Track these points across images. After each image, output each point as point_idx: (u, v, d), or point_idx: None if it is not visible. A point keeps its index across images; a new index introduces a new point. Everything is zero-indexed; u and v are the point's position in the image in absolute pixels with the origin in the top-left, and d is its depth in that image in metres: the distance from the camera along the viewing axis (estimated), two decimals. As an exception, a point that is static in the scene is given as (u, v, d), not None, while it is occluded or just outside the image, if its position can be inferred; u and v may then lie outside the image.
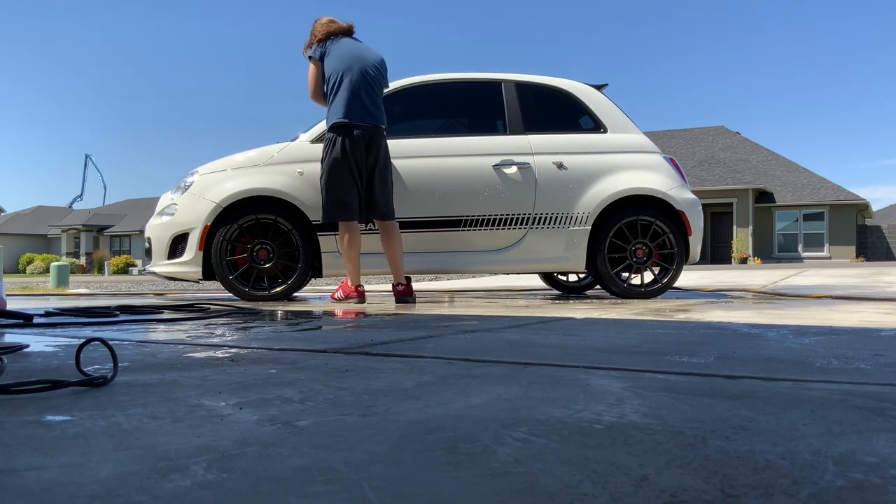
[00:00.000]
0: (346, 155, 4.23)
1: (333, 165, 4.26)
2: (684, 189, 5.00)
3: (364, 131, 4.25)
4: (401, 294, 4.39)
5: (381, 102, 4.41)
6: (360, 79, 4.30)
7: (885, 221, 35.94)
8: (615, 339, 2.26)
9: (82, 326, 2.84)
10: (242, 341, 2.27)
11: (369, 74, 4.33)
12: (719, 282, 7.49)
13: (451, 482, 0.80)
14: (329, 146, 4.29)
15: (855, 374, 1.53)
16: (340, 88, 4.29)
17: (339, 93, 4.30)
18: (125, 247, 45.51)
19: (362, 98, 4.28)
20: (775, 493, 0.75)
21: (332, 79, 4.34)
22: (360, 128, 4.25)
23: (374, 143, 4.28)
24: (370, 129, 4.27)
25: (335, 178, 4.26)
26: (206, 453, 0.92)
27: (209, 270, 4.76)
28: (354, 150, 4.23)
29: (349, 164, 4.24)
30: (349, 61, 4.33)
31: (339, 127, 4.27)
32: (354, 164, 4.25)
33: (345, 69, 4.31)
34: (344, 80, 4.29)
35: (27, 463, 0.89)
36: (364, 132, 4.25)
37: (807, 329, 2.52)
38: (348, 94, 4.27)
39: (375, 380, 1.49)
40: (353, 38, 4.53)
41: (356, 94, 4.27)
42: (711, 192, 29.77)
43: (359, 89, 4.28)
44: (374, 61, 4.40)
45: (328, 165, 4.29)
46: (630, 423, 1.07)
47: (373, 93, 4.34)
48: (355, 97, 4.27)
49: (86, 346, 1.55)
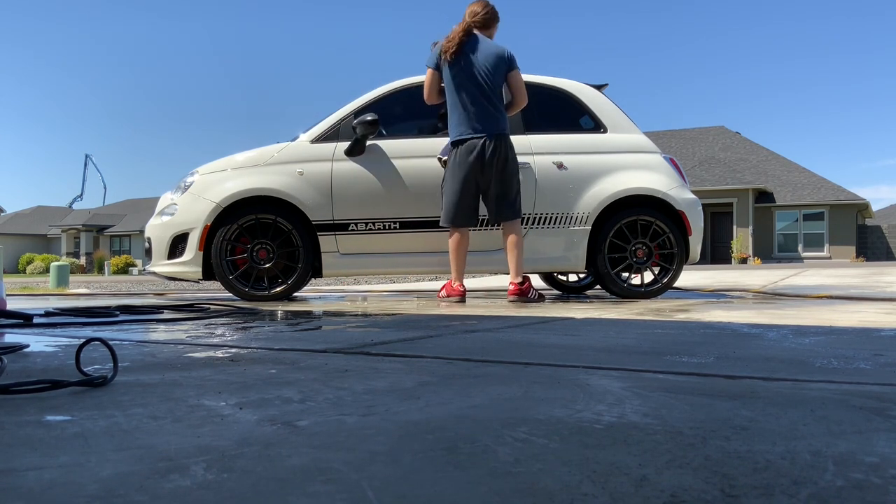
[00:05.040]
0: (460, 167, 4.34)
1: (451, 174, 4.39)
2: (684, 189, 5.00)
3: (477, 142, 4.29)
4: (512, 293, 4.38)
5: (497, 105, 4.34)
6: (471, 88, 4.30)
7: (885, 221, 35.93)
8: (615, 339, 2.26)
9: (82, 326, 2.84)
10: (242, 341, 2.27)
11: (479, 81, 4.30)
12: (719, 282, 7.49)
13: (451, 482, 0.80)
14: (451, 155, 4.41)
15: (855, 374, 1.53)
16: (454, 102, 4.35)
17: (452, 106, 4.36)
18: (125, 247, 45.52)
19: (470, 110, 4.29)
20: (775, 493, 0.75)
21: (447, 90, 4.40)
22: (473, 140, 4.30)
23: (489, 151, 4.29)
24: (483, 140, 4.29)
25: (451, 185, 4.39)
26: (206, 453, 0.92)
27: (209, 270, 4.76)
28: (470, 160, 4.30)
29: (465, 173, 4.33)
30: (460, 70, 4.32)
31: (455, 142, 4.38)
32: (471, 173, 4.32)
33: (456, 84, 4.32)
34: (457, 93, 4.32)
35: (27, 463, 0.89)
36: (477, 143, 4.29)
37: (807, 329, 2.52)
38: (460, 107, 4.32)
39: (375, 380, 1.49)
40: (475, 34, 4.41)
41: (465, 106, 4.30)
42: (711, 192, 29.77)
43: (467, 101, 4.30)
44: (486, 62, 4.32)
45: (448, 173, 4.42)
46: (630, 423, 1.07)
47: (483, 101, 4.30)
48: (465, 110, 4.31)
49: (86, 346, 1.55)
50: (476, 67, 4.27)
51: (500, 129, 4.31)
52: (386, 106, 4.96)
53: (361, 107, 4.91)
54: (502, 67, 4.32)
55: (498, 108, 4.32)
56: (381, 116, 4.74)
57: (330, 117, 4.96)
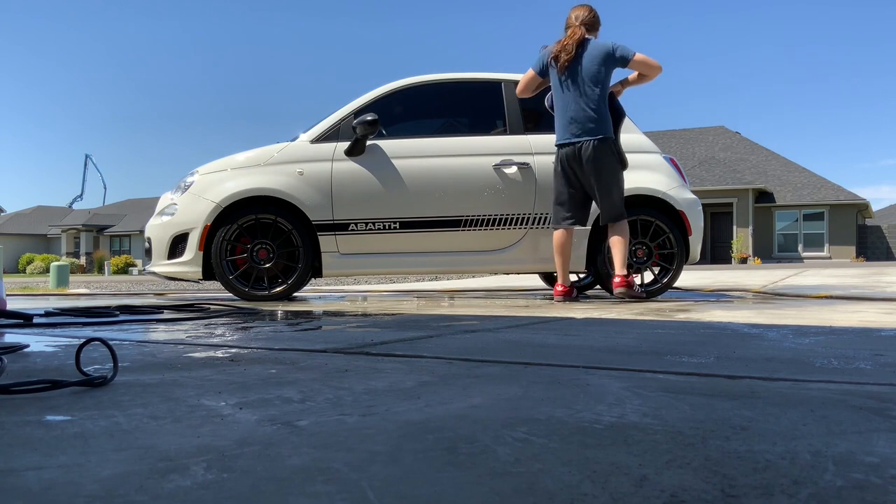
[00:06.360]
0: (563, 169, 4.44)
1: (554, 176, 4.53)
2: (684, 189, 5.01)
3: (575, 147, 4.36)
4: (617, 286, 4.39)
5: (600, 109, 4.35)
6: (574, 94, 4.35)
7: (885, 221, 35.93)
8: (615, 339, 2.26)
9: (82, 326, 2.84)
10: (242, 341, 2.27)
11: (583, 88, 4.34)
12: (719, 282, 7.49)
13: (451, 482, 0.80)
14: (556, 158, 4.52)
15: (855, 374, 1.53)
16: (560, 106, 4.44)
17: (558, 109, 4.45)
18: (125, 247, 45.52)
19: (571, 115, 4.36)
20: (775, 493, 0.75)
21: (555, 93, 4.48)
22: (572, 144, 4.37)
23: (586, 155, 4.34)
24: (580, 144, 4.35)
25: (553, 186, 4.54)
26: (206, 453, 0.92)
27: (209, 270, 4.76)
28: (569, 163, 4.40)
29: (564, 175, 4.44)
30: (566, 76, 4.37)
31: (558, 146, 4.47)
32: (569, 176, 4.43)
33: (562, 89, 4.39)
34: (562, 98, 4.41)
35: (27, 463, 0.89)
36: (575, 148, 4.36)
37: (807, 329, 2.52)
38: (563, 111, 4.40)
39: (375, 380, 1.49)
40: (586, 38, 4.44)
41: (567, 111, 4.37)
42: (711, 192, 29.77)
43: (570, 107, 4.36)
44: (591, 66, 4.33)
45: (553, 175, 4.56)
46: (630, 423, 1.07)
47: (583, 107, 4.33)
48: (567, 115, 4.38)
49: (86, 346, 1.55)
50: (581, 74, 4.33)
51: (599, 133, 4.33)
52: (386, 106, 4.96)
53: (361, 107, 4.91)
54: (611, 65, 4.37)
55: (600, 113, 4.35)
56: (381, 116, 4.75)
57: (330, 117, 4.96)
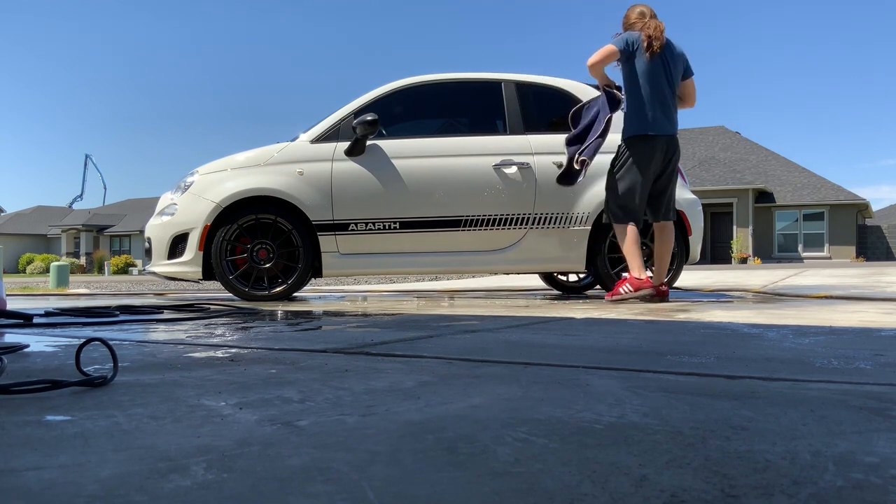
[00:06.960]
0: (650, 161, 4.25)
1: (629, 169, 4.29)
2: (684, 189, 5.01)
3: (662, 141, 4.26)
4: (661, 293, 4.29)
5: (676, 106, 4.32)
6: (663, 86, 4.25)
7: (885, 221, 35.92)
8: (615, 339, 2.26)
9: (82, 326, 2.84)
10: (242, 341, 2.27)
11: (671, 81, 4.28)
12: (719, 282, 7.48)
13: (451, 482, 0.80)
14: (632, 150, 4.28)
15: (855, 374, 1.53)
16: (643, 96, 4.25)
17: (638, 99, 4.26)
18: (125, 247, 45.52)
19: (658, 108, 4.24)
20: (775, 493, 0.75)
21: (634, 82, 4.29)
22: (660, 138, 4.24)
23: (672, 150, 4.29)
24: (668, 139, 4.27)
25: (631, 178, 4.28)
26: (206, 453, 0.92)
27: (209, 270, 4.76)
28: (655, 156, 4.25)
29: (648, 169, 4.26)
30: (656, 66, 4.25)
31: (639, 137, 4.26)
32: (652, 170, 4.27)
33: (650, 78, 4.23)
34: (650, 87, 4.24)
35: (27, 463, 0.89)
36: (662, 142, 4.26)
37: (807, 329, 2.52)
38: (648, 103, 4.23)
39: (375, 380, 1.49)
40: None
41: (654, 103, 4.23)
42: (711, 192, 29.76)
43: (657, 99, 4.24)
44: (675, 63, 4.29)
45: (625, 168, 4.30)
46: (630, 423, 1.07)
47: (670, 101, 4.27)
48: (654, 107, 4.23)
49: (86, 346, 1.55)
50: (668, 67, 4.26)
51: (677, 130, 4.33)
52: (386, 106, 4.96)
53: (361, 107, 4.92)
54: (682, 70, 4.35)
55: (676, 110, 4.34)
56: (381, 116, 4.75)
57: (330, 117, 4.96)
